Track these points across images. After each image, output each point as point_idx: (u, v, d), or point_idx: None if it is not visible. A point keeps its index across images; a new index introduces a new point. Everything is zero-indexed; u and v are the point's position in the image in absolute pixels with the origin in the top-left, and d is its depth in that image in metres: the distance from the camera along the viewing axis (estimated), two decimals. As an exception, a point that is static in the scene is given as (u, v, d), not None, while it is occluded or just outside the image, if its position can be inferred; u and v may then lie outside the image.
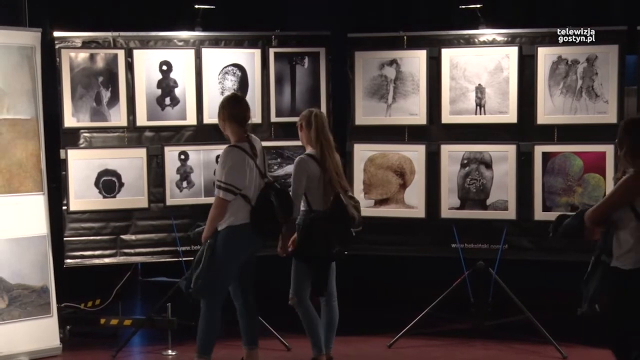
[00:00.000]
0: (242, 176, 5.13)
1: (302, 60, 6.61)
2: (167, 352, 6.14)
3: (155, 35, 6.43)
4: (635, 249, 4.26)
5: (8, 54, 5.95)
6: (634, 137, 4.31)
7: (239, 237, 5.16)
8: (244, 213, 5.15)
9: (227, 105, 5.32)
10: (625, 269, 4.28)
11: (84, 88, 6.29)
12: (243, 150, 5.18)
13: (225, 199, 5.12)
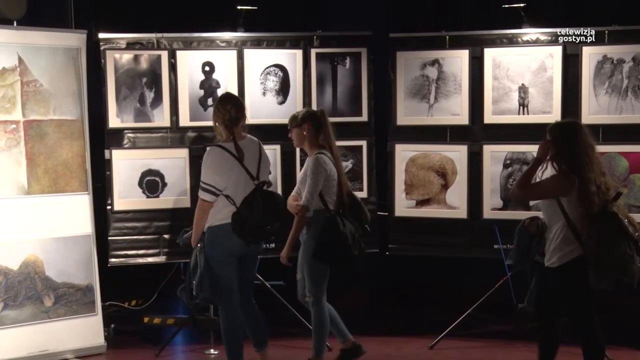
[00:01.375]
0: (221, 176, 5.06)
1: (343, 60, 6.61)
2: (209, 352, 6.18)
3: (198, 36, 6.48)
4: (560, 247, 4.61)
5: (54, 56, 6.04)
6: (564, 139, 4.65)
7: (222, 236, 5.06)
8: (224, 213, 5.06)
9: (217, 105, 5.24)
10: (553, 267, 4.64)
11: (128, 89, 6.36)
12: (226, 150, 5.10)
13: (205, 199, 5.08)
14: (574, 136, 4.67)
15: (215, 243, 5.08)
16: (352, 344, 5.55)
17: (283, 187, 6.51)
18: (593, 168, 4.61)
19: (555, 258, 4.66)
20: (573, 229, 4.61)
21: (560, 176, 4.66)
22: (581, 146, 4.64)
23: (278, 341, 6.33)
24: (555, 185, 4.64)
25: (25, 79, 5.92)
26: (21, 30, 5.95)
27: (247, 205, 5.02)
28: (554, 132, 4.74)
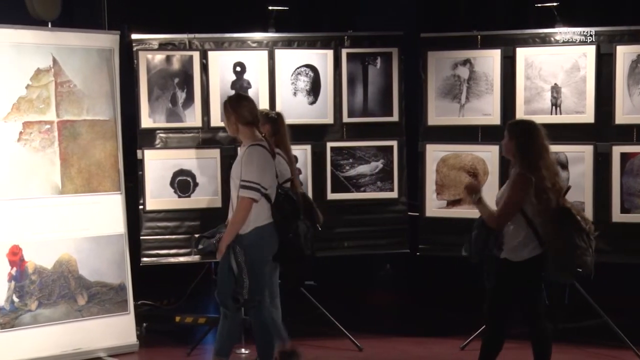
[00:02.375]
0: (268, 175, 5.03)
1: (374, 60, 6.60)
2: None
3: (229, 36, 6.51)
4: (524, 242, 4.74)
5: (88, 57, 6.10)
6: (520, 138, 4.78)
7: (268, 236, 5.04)
8: (267, 213, 5.02)
9: (238, 107, 5.10)
10: (514, 261, 4.75)
11: (160, 89, 6.40)
12: (265, 148, 5.06)
13: (254, 198, 4.95)
14: (532, 135, 4.81)
15: (263, 243, 5.03)
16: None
17: (313, 188, 6.53)
18: (548, 167, 4.77)
19: (514, 254, 4.77)
20: (532, 226, 4.75)
21: (520, 181, 4.74)
22: (538, 146, 4.79)
23: (309, 341, 6.35)
24: (522, 192, 4.72)
25: (59, 79, 5.98)
26: (55, 32, 6.01)
27: (287, 201, 5.06)
28: (513, 131, 4.87)
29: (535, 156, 4.76)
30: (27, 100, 5.86)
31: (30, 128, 5.88)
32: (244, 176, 4.97)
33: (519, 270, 4.78)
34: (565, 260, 4.69)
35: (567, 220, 4.73)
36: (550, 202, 4.71)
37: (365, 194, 6.59)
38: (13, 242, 5.79)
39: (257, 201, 4.96)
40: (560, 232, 4.70)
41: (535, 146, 4.78)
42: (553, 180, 4.77)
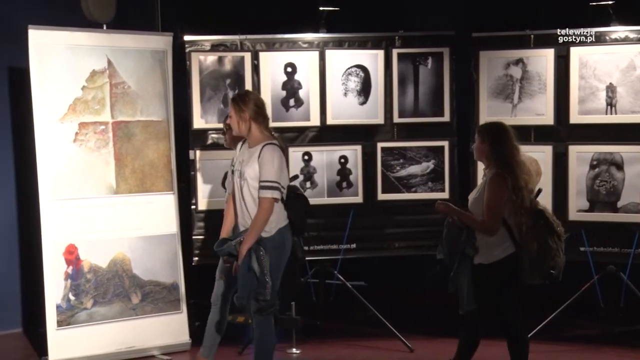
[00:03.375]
0: (284, 174, 4.93)
1: (425, 60, 6.57)
2: (291, 350, 6.22)
3: (280, 37, 6.54)
4: (497, 242, 4.75)
5: (141, 58, 6.17)
6: (492, 140, 4.82)
7: (289, 238, 4.95)
8: (284, 213, 4.92)
9: (250, 102, 4.93)
10: (487, 263, 4.77)
11: (212, 90, 6.45)
12: (280, 147, 4.95)
13: (276, 197, 4.81)
14: (503, 136, 4.86)
15: (286, 244, 4.94)
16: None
17: (364, 188, 6.53)
18: (520, 166, 4.81)
19: (488, 255, 4.79)
20: (506, 225, 4.76)
21: (499, 180, 4.75)
22: (510, 146, 4.84)
23: (359, 341, 6.35)
24: (502, 193, 4.73)
25: (113, 81, 6.06)
26: (110, 34, 6.10)
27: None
28: (485, 133, 4.91)
29: (508, 156, 4.80)
30: (83, 101, 5.95)
31: (85, 129, 5.97)
32: (264, 176, 4.81)
33: (493, 271, 4.79)
34: (539, 261, 4.73)
35: (540, 222, 4.76)
36: (524, 200, 4.74)
37: (416, 195, 6.57)
38: (69, 241, 5.88)
39: (279, 201, 4.85)
40: (534, 234, 4.73)
41: (507, 146, 4.83)
42: (525, 180, 4.80)
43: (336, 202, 6.53)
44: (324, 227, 6.55)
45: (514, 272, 4.77)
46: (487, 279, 4.80)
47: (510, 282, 4.81)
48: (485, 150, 4.88)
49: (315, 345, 6.31)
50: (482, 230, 4.80)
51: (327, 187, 6.53)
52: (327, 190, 6.53)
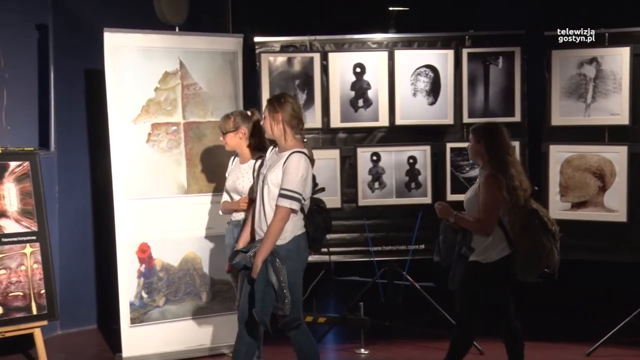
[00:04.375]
0: (308, 186, 4.73)
1: (496, 60, 6.50)
2: (359, 351, 6.21)
3: (349, 38, 6.55)
4: (493, 244, 4.77)
5: (212, 60, 6.24)
6: (487, 140, 4.84)
7: (304, 247, 4.74)
8: (301, 222, 4.72)
9: (285, 106, 4.73)
10: (484, 263, 4.77)
11: (281, 91, 6.47)
12: (307, 156, 4.72)
13: (294, 209, 4.60)
14: (498, 136, 4.88)
15: (300, 253, 4.72)
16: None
17: (433, 189, 6.49)
18: (515, 166, 4.85)
19: (484, 256, 4.80)
20: (502, 226, 4.79)
21: (493, 181, 4.76)
22: (504, 146, 4.86)
23: (428, 343, 6.31)
24: (496, 194, 4.74)
25: (185, 82, 6.15)
26: (182, 36, 6.18)
27: (319, 212, 4.84)
28: (480, 133, 4.91)
29: (503, 156, 4.82)
30: (156, 102, 6.05)
31: (158, 129, 6.07)
32: (285, 184, 4.59)
33: (489, 271, 4.80)
34: (533, 260, 4.76)
35: (534, 221, 4.79)
36: (519, 200, 4.76)
37: (486, 196, 6.49)
38: (142, 240, 5.98)
39: (297, 213, 4.67)
40: (528, 233, 4.75)
41: (502, 146, 4.85)
42: (520, 179, 4.81)
43: (405, 202, 6.51)
44: (393, 228, 6.53)
45: (507, 274, 4.80)
46: (480, 278, 4.81)
47: (504, 283, 4.85)
48: (480, 150, 4.90)
49: (384, 346, 6.29)
50: (477, 230, 4.82)
51: (396, 187, 6.51)
52: (395, 191, 6.51)
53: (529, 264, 4.76)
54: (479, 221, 4.80)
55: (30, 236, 5.70)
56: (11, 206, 5.67)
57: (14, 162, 5.73)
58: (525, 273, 4.78)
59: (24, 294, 5.59)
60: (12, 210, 5.66)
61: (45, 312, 5.67)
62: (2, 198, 5.63)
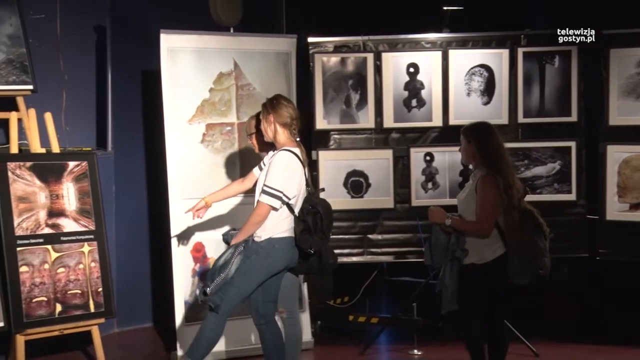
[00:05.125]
0: (293, 184, 4.72)
1: (552, 59, 6.42)
2: (412, 352, 6.18)
3: (403, 37, 6.52)
4: (488, 244, 4.72)
5: (266, 60, 6.28)
6: (479, 140, 4.79)
7: (282, 250, 4.73)
8: (286, 225, 4.74)
9: (277, 105, 4.83)
10: (480, 264, 4.73)
11: (335, 91, 6.50)
12: (296, 155, 4.75)
13: (273, 206, 4.66)
14: (490, 136, 4.83)
15: (270, 255, 4.72)
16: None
17: (487, 189, 6.43)
18: (508, 165, 4.82)
19: (480, 256, 4.75)
20: (497, 227, 4.74)
21: (490, 181, 4.71)
22: (497, 145, 4.81)
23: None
24: (497, 194, 4.70)
25: (239, 82, 6.20)
26: (237, 37, 6.23)
27: (312, 213, 4.72)
28: (471, 134, 4.86)
29: (496, 156, 4.78)
30: (210, 103, 6.11)
31: (212, 130, 6.13)
32: (267, 181, 4.69)
33: (484, 271, 4.75)
34: (528, 261, 4.73)
35: (529, 222, 4.76)
36: (513, 199, 4.72)
37: (542, 196, 6.41)
38: (196, 240, 6.04)
39: (277, 209, 4.70)
40: (523, 234, 4.73)
41: (494, 146, 4.80)
42: (513, 178, 4.79)
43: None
44: (446, 228, 6.49)
45: (504, 273, 4.75)
46: (478, 278, 4.75)
47: (498, 284, 4.79)
48: (471, 151, 4.85)
49: (437, 347, 6.25)
50: (475, 232, 4.74)
51: (449, 188, 6.46)
52: (449, 191, 6.46)
53: (523, 265, 4.73)
54: (478, 223, 4.73)
55: (88, 235, 5.80)
56: (70, 205, 5.77)
57: (72, 162, 5.84)
58: (519, 274, 4.75)
59: (82, 292, 5.69)
60: (70, 209, 5.77)
61: (102, 310, 5.76)
62: (61, 197, 5.74)
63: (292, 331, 5.07)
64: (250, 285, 4.74)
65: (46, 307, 5.50)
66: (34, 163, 5.65)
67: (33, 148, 5.77)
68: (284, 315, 5.08)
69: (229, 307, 4.75)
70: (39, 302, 5.48)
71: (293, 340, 5.05)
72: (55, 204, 5.70)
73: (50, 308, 5.52)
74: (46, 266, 5.56)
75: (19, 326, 5.36)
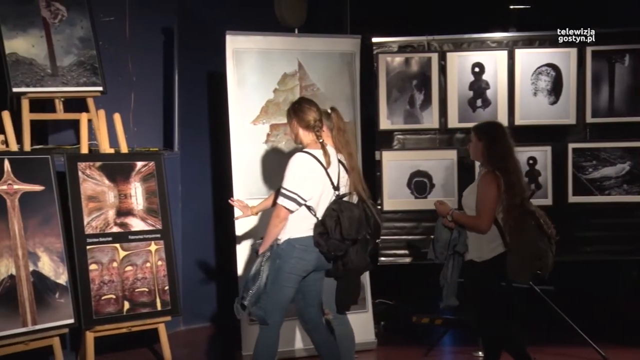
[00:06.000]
0: (308, 186, 4.68)
1: (622, 58, 6.30)
2: (477, 354, 6.12)
3: (468, 37, 6.47)
4: (487, 241, 4.79)
5: (330, 61, 6.29)
6: (488, 139, 4.85)
7: (301, 250, 4.69)
8: (305, 225, 4.70)
9: (299, 109, 4.83)
10: (479, 261, 4.80)
11: (399, 91, 6.48)
12: (314, 157, 4.71)
13: (288, 207, 4.65)
14: (499, 136, 4.89)
15: (292, 256, 4.69)
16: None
17: (553, 190, 6.34)
18: (515, 165, 4.88)
19: (479, 253, 4.82)
20: (497, 224, 4.80)
21: (489, 178, 4.79)
22: (505, 145, 4.86)
23: (547, 347, 6.16)
24: (493, 192, 4.76)
25: (303, 83, 6.22)
26: (301, 37, 6.26)
27: (332, 216, 4.66)
28: (481, 132, 4.92)
29: (504, 155, 4.84)
30: (275, 103, 6.15)
31: (276, 130, 6.16)
32: (283, 183, 4.70)
33: (483, 269, 4.81)
34: (526, 261, 4.79)
35: (530, 223, 4.81)
36: (515, 199, 4.77)
37: (610, 197, 6.31)
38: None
39: (293, 211, 4.68)
40: (523, 233, 4.78)
41: (502, 146, 4.86)
42: (518, 179, 4.85)
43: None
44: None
45: (500, 273, 4.81)
46: (476, 275, 4.83)
47: (496, 282, 4.85)
48: (480, 148, 4.90)
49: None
50: (474, 227, 4.81)
51: (516, 188, 6.38)
52: (516, 193, 6.39)
53: (521, 264, 4.78)
54: (476, 218, 4.82)
55: (155, 234, 5.89)
56: (137, 205, 5.87)
57: (140, 162, 5.94)
58: (517, 273, 4.81)
59: (149, 290, 5.79)
60: (138, 208, 5.87)
61: (168, 308, 5.84)
62: (129, 197, 5.84)
63: (341, 332, 5.06)
64: (283, 290, 4.72)
65: (114, 304, 5.61)
66: (103, 163, 5.76)
67: (102, 148, 5.89)
68: (330, 316, 5.09)
69: (274, 317, 4.74)
70: (107, 299, 5.59)
71: (344, 340, 5.04)
72: (124, 203, 5.80)
73: (119, 305, 5.63)
74: (114, 264, 5.68)
75: (88, 323, 5.48)
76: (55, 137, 6.32)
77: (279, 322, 4.77)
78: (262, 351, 4.75)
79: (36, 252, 5.29)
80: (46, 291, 5.28)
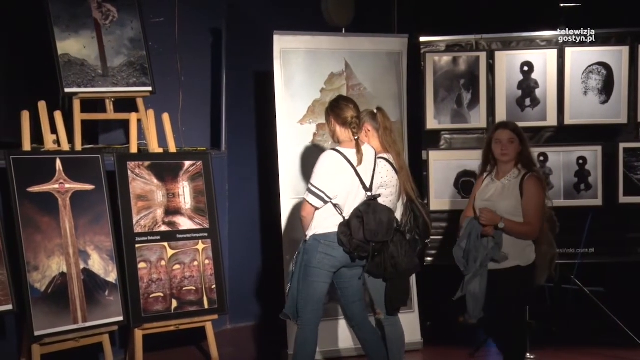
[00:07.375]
0: (334, 183, 4.68)
1: (676, 56, 6.20)
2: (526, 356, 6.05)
3: (517, 36, 6.41)
4: (529, 244, 4.68)
5: (377, 60, 6.28)
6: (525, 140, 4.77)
7: (325, 245, 4.68)
8: (330, 222, 4.71)
9: (336, 106, 4.81)
10: (525, 265, 4.65)
11: (446, 91, 6.45)
12: (342, 155, 4.70)
13: (312, 204, 4.69)
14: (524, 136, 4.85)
15: (318, 251, 4.69)
16: None
17: (604, 191, 6.26)
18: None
19: (524, 258, 4.68)
20: None
21: (539, 184, 4.69)
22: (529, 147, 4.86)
23: (598, 350, 6.08)
24: (544, 195, 4.71)
25: (350, 83, 6.21)
26: (349, 37, 6.26)
27: (357, 217, 4.64)
28: (520, 132, 4.81)
29: (532, 156, 4.82)
30: (321, 103, 6.14)
31: (323, 130, 6.16)
32: (310, 179, 4.75)
33: (529, 273, 4.70)
34: (549, 261, 4.76)
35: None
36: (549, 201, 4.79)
37: (661, 198, 6.21)
38: (307, 238, 6.09)
39: (318, 208, 4.70)
40: (547, 234, 4.76)
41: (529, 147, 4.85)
42: None
43: (573, 204, 6.30)
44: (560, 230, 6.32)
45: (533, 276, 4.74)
46: (526, 278, 4.68)
47: (530, 285, 4.77)
48: (517, 149, 4.77)
49: (551, 352, 6.11)
50: (527, 234, 4.66)
51: (564, 188, 6.32)
52: (563, 192, 6.32)
53: (545, 265, 4.74)
54: (530, 224, 4.64)
55: (202, 233, 5.94)
56: (185, 204, 5.93)
57: (188, 162, 5.99)
58: (541, 274, 4.76)
59: (196, 288, 5.84)
60: (186, 207, 5.92)
61: (215, 307, 5.89)
62: (177, 196, 5.90)
63: (392, 332, 5.03)
64: (313, 285, 4.71)
65: (163, 302, 5.67)
66: (152, 162, 5.82)
67: (151, 148, 5.96)
68: (381, 316, 5.07)
69: (309, 316, 4.73)
70: (156, 297, 5.65)
71: (394, 340, 5.02)
72: (172, 202, 5.86)
73: (167, 304, 5.69)
74: (163, 263, 5.74)
75: (137, 321, 5.55)
76: (106, 137, 6.42)
77: (312, 320, 4.75)
78: (299, 350, 4.76)
79: (86, 250, 5.37)
80: (96, 289, 5.36)
